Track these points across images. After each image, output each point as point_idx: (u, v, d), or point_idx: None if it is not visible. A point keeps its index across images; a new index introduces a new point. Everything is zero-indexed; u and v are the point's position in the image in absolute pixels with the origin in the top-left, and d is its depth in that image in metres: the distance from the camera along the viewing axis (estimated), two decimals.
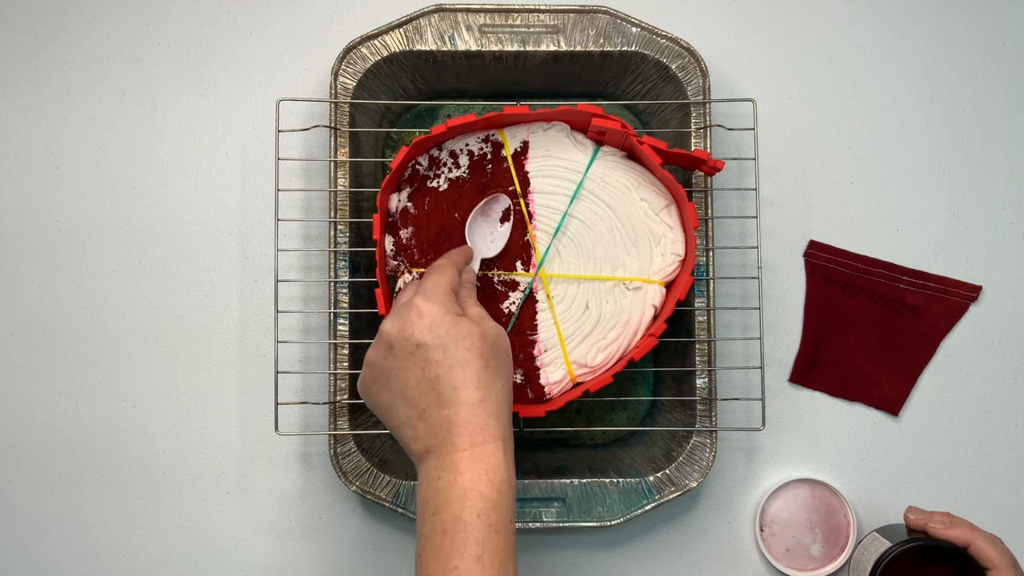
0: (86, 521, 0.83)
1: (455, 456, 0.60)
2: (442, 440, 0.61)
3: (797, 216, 0.85)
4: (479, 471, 0.60)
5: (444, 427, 0.61)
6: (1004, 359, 0.85)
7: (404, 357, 0.62)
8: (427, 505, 0.60)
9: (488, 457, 0.60)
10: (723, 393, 0.83)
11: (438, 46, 0.80)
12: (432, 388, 0.61)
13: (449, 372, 0.61)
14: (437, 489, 0.60)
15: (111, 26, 0.85)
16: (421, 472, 0.62)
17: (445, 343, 0.62)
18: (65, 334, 0.83)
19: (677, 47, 0.80)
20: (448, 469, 0.60)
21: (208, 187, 0.84)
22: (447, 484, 0.59)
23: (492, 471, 0.60)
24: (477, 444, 0.60)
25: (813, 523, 0.83)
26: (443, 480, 0.60)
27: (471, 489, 0.59)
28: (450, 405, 0.61)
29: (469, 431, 0.61)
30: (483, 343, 0.63)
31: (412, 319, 0.62)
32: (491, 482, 0.60)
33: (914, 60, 0.86)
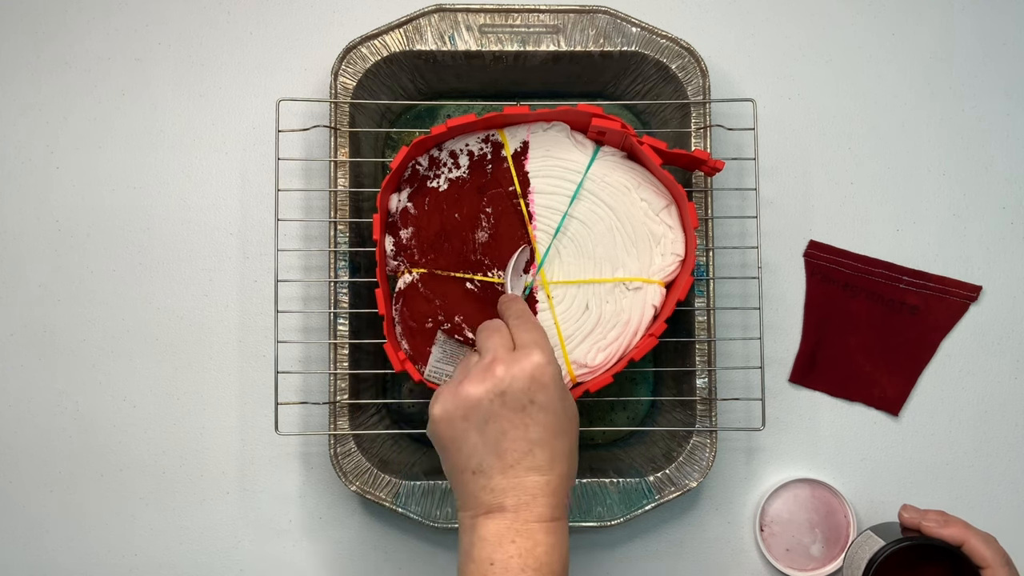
0: (86, 521, 0.83)
1: (536, 525, 0.60)
2: (524, 504, 0.60)
3: (797, 216, 0.85)
4: (553, 545, 0.60)
5: (531, 492, 0.60)
6: (1004, 359, 0.85)
7: (515, 408, 0.60)
8: (492, 567, 0.59)
9: (561, 533, 0.61)
10: (723, 393, 0.83)
11: (438, 46, 0.80)
12: (530, 449, 0.60)
13: (553, 440, 0.61)
14: (510, 554, 0.59)
15: (111, 26, 0.85)
16: (486, 528, 0.60)
17: (557, 409, 0.61)
18: (65, 334, 0.83)
19: (677, 47, 0.80)
20: (525, 536, 0.59)
21: (208, 187, 0.84)
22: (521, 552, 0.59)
23: (563, 547, 0.61)
24: (556, 519, 0.61)
25: (813, 523, 0.83)
26: (517, 546, 0.59)
27: (545, 563, 0.59)
28: (542, 472, 0.60)
29: (553, 503, 0.60)
30: (576, 419, 0.63)
31: (532, 372, 0.61)
32: (561, 558, 0.60)
33: (914, 60, 0.86)
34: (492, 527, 0.60)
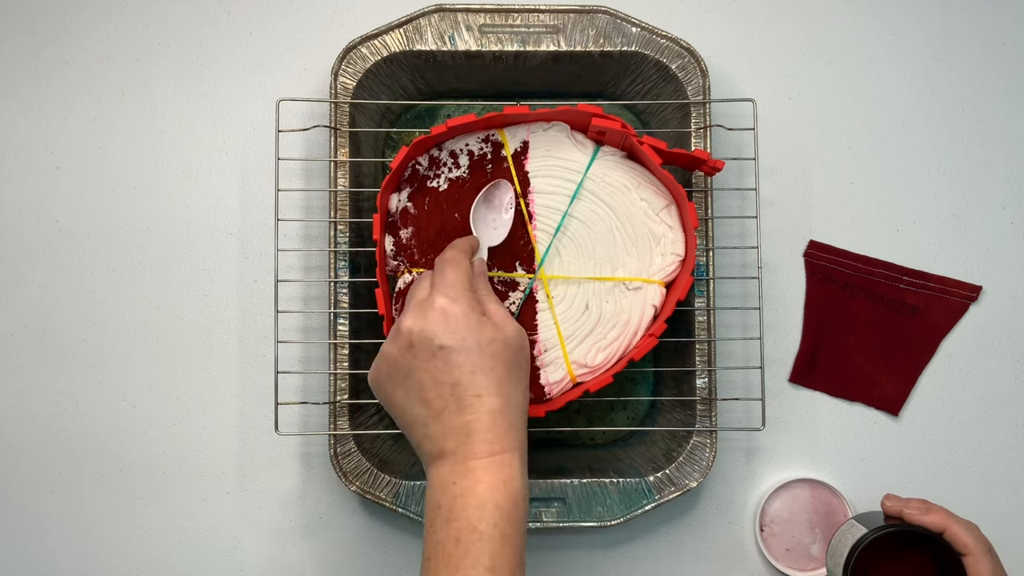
0: (86, 521, 0.83)
1: (473, 463, 0.60)
2: (459, 445, 0.60)
3: (797, 216, 0.85)
4: (497, 481, 0.59)
5: (463, 433, 0.60)
6: (1004, 359, 0.85)
7: (425, 357, 0.61)
8: (439, 510, 0.59)
9: (505, 467, 0.60)
10: (723, 393, 0.83)
11: (438, 46, 0.80)
12: (452, 392, 0.60)
13: (472, 377, 0.60)
14: (452, 495, 0.59)
15: (111, 26, 0.85)
16: (432, 475, 0.61)
17: (469, 347, 0.61)
18: (65, 334, 0.83)
19: (677, 47, 0.80)
20: (465, 476, 0.59)
21: (208, 187, 0.84)
22: (463, 491, 0.59)
23: (509, 481, 0.60)
24: (496, 453, 0.60)
25: (813, 523, 0.83)
26: (459, 487, 0.59)
27: (488, 500, 0.59)
28: (471, 411, 0.60)
29: (489, 439, 0.60)
30: (507, 350, 0.62)
31: (435, 319, 0.61)
32: (508, 493, 0.59)
33: (914, 60, 0.86)
34: (436, 473, 0.60)
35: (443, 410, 0.61)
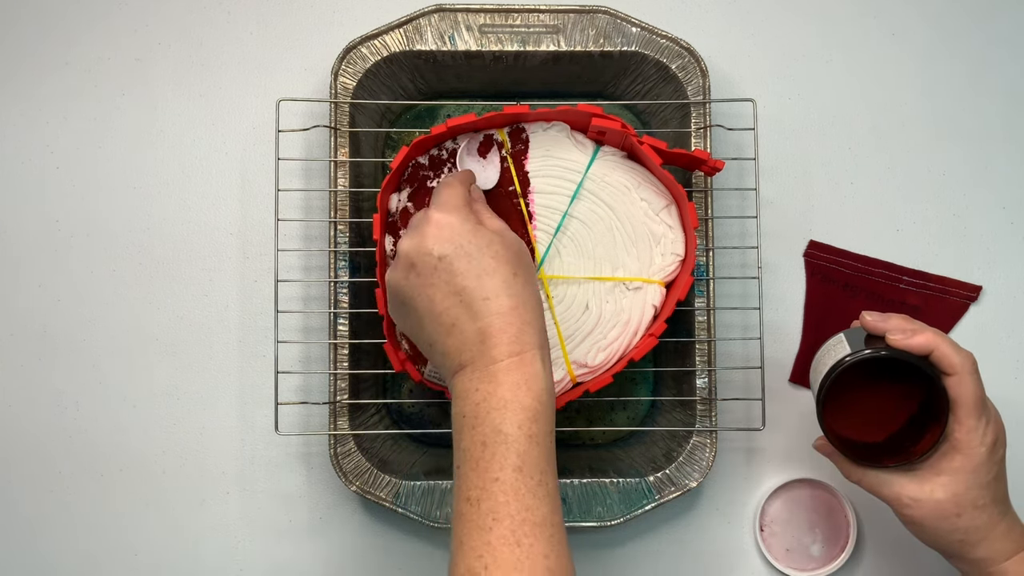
0: (86, 521, 0.83)
1: (493, 368, 0.59)
2: (478, 353, 0.59)
3: (797, 216, 0.85)
4: (518, 381, 0.58)
5: (478, 339, 0.59)
6: (1004, 359, 0.85)
7: (427, 273, 0.60)
8: (464, 419, 0.59)
9: (526, 366, 0.59)
10: (723, 393, 0.83)
11: (438, 46, 0.80)
12: (460, 300, 0.60)
13: (478, 281, 0.60)
14: (476, 402, 0.58)
15: (111, 26, 0.85)
16: (456, 388, 0.60)
17: (469, 252, 0.60)
18: (65, 334, 0.83)
19: (677, 47, 0.80)
20: (486, 381, 0.58)
21: (208, 187, 0.84)
22: (485, 396, 0.58)
23: (532, 380, 0.59)
24: (514, 353, 0.59)
25: (813, 523, 0.83)
26: (481, 392, 0.58)
27: (511, 400, 0.58)
28: (482, 316, 0.59)
29: (506, 340, 0.59)
30: (508, 250, 0.61)
31: (431, 232, 0.60)
32: (531, 391, 0.58)
33: (914, 60, 0.86)
34: (459, 384, 0.60)
35: (455, 321, 0.60)
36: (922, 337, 0.66)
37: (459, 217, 0.61)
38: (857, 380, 0.70)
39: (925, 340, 0.66)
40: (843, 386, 0.69)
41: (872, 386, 0.71)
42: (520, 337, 0.60)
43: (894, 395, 0.71)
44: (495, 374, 0.59)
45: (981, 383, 0.66)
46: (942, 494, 0.66)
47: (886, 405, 0.72)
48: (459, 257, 0.60)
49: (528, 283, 0.62)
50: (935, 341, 0.66)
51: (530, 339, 0.60)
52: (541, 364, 0.60)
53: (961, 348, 0.66)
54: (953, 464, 0.66)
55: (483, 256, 0.60)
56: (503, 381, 0.58)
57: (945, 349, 0.66)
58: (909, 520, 0.67)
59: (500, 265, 0.60)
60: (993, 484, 0.66)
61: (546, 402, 0.59)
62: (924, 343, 0.66)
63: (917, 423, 0.70)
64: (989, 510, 0.66)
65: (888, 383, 0.71)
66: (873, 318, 0.69)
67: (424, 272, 0.60)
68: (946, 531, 0.66)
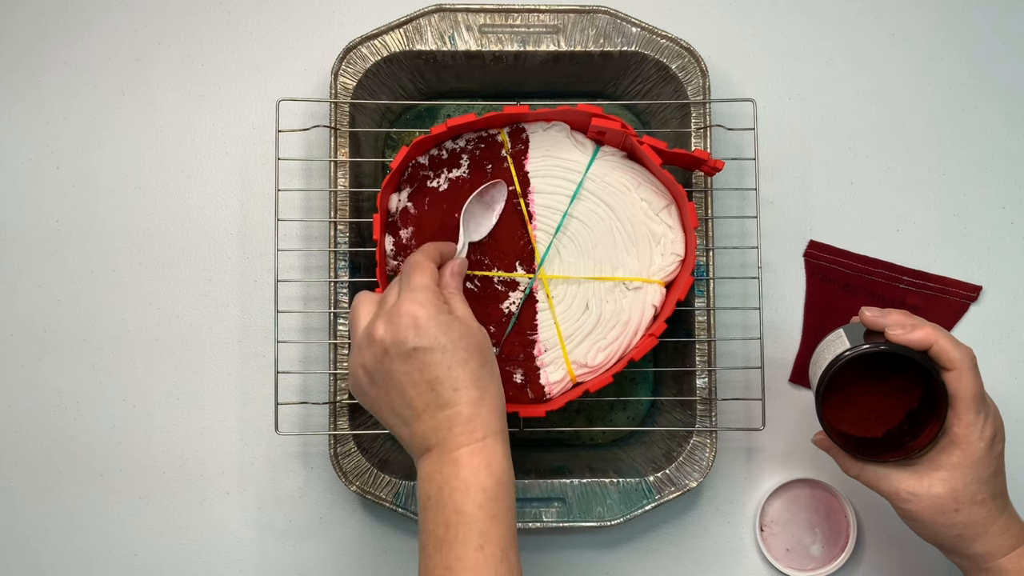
0: (86, 521, 0.83)
1: (456, 453, 0.61)
2: (443, 438, 0.62)
3: (797, 216, 0.85)
4: (479, 464, 0.61)
5: (445, 426, 0.62)
6: (1004, 359, 0.85)
7: (401, 360, 0.62)
8: (429, 501, 0.62)
9: (487, 451, 0.62)
10: (723, 393, 0.82)
11: (438, 46, 0.80)
12: (431, 389, 0.62)
13: (448, 372, 0.62)
14: (439, 485, 0.61)
15: (111, 26, 0.85)
16: (421, 470, 0.63)
17: (444, 345, 0.62)
18: (65, 334, 0.83)
19: (677, 47, 0.80)
20: (449, 464, 0.61)
21: (208, 187, 0.84)
22: (448, 478, 0.61)
23: (492, 463, 0.61)
24: (476, 440, 0.62)
25: (813, 523, 0.83)
26: (443, 475, 0.61)
27: (472, 483, 0.60)
28: (450, 405, 0.62)
29: (469, 428, 0.62)
30: (474, 341, 0.63)
31: (406, 324, 0.62)
32: (491, 474, 0.61)
33: (914, 60, 0.86)
34: (424, 467, 0.63)
35: (425, 408, 0.62)
36: (921, 332, 0.66)
37: (432, 309, 0.63)
38: (856, 375, 0.70)
39: (924, 335, 0.66)
40: (842, 381, 0.70)
41: (871, 381, 0.71)
42: (484, 425, 0.62)
43: (893, 390, 0.71)
44: (458, 459, 0.61)
45: (980, 378, 0.66)
46: (941, 489, 0.66)
47: (885, 400, 0.72)
48: (433, 350, 0.62)
49: (492, 373, 0.64)
50: (934, 336, 0.66)
51: (493, 426, 0.63)
52: (502, 448, 0.63)
53: (960, 343, 0.67)
54: (952, 459, 0.66)
55: (456, 348, 0.62)
56: (465, 464, 0.61)
57: (944, 344, 0.66)
58: (907, 515, 0.68)
59: (470, 358, 0.63)
60: (991, 479, 0.66)
61: (506, 483, 0.62)
62: (923, 338, 0.66)
63: (916, 418, 0.70)
64: (987, 505, 0.66)
65: (887, 378, 0.71)
66: (872, 313, 0.69)
67: (398, 359, 0.62)
68: (944, 526, 0.66)
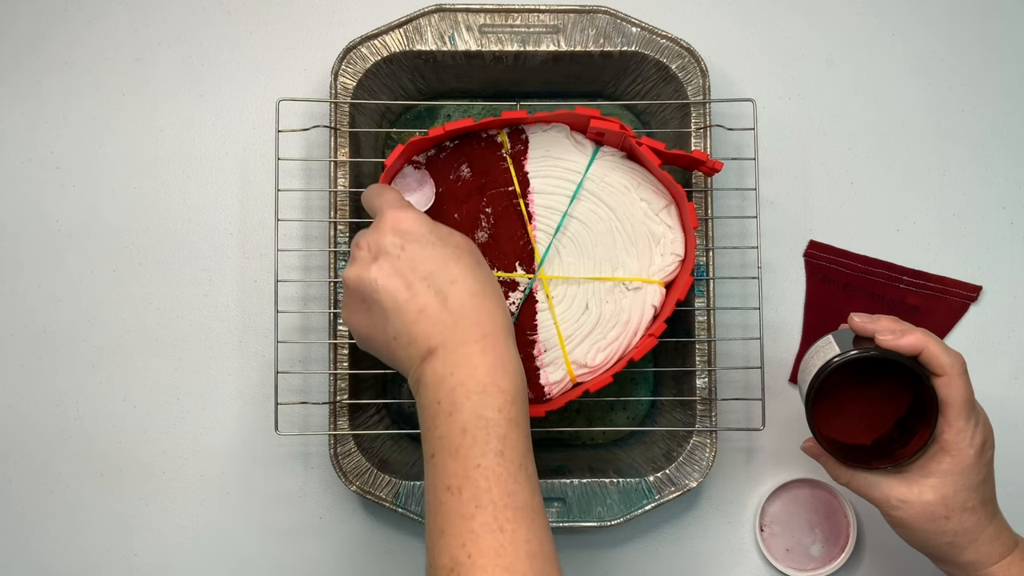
0: (86, 521, 0.83)
1: (466, 349, 0.58)
2: (448, 335, 0.58)
3: (797, 216, 0.85)
4: (494, 363, 0.57)
5: (449, 322, 0.58)
6: (1004, 359, 0.85)
7: (391, 263, 0.59)
8: (440, 406, 0.57)
9: (500, 348, 0.58)
10: (723, 393, 0.83)
11: (438, 46, 0.80)
12: (428, 284, 0.59)
13: (444, 265, 0.59)
14: (451, 387, 0.57)
15: (111, 26, 0.85)
16: (426, 376, 0.58)
17: (432, 240, 0.60)
18: (65, 334, 0.83)
19: (677, 47, 0.80)
20: (461, 364, 0.57)
21: (208, 187, 0.84)
22: (462, 380, 0.57)
23: (507, 363, 0.58)
24: (487, 335, 0.58)
25: (813, 523, 0.83)
26: (456, 376, 0.57)
27: (490, 384, 0.57)
28: (451, 298, 0.59)
29: (476, 321, 0.58)
30: (466, 242, 0.62)
31: (389, 223, 0.60)
32: (507, 373, 0.58)
33: (914, 60, 0.86)
34: (429, 370, 0.58)
35: (422, 308, 0.59)
36: (911, 337, 0.65)
37: (414, 212, 0.62)
38: (846, 381, 0.70)
39: (914, 340, 0.65)
40: (832, 387, 0.69)
41: (861, 387, 0.71)
42: (490, 320, 0.59)
43: (882, 396, 0.71)
44: (470, 356, 0.57)
45: (970, 384, 0.65)
46: (931, 496, 0.65)
47: (875, 407, 0.71)
48: (423, 244, 0.60)
49: (488, 273, 0.62)
50: (924, 341, 0.65)
51: (500, 321, 0.59)
52: (513, 347, 0.59)
53: (950, 349, 0.66)
54: (942, 466, 0.65)
55: (445, 244, 0.60)
56: (479, 364, 0.57)
57: (934, 349, 0.65)
58: (897, 522, 0.67)
59: (462, 254, 0.60)
60: (982, 486, 0.66)
61: (520, 384, 0.58)
62: (913, 343, 0.65)
63: (905, 425, 0.69)
64: (978, 512, 0.65)
65: (876, 384, 0.71)
66: (861, 319, 0.68)
67: (389, 261, 0.60)
68: (935, 533, 0.66)
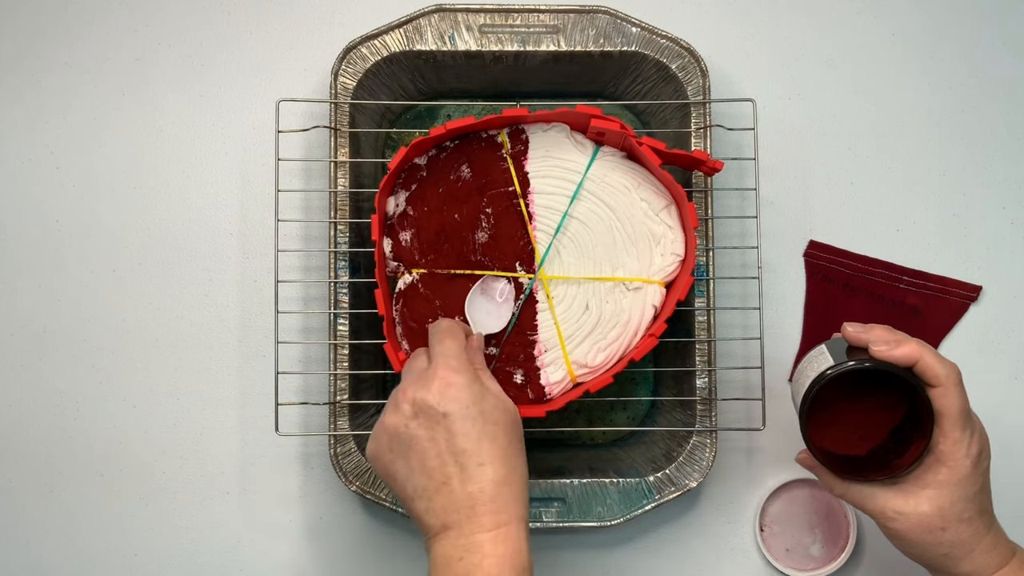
0: (86, 521, 0.83)
1: (479, 537, 0.59)
2: (464, 518, 0.59)
3: (797, 216, 0.85)
4: (504, 555, 0.58)
5: (467, 504, 0.59)
6: (1004, 359, 0.85)
7: (429, 426, 0.60)
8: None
9: (512, 539, 0.59)
10: (723, 393, 0.83)
11: (438, 46, 0.80)
12: (456, 461, 0.60)
13: (477, 445, 0.60)
14: (458, 573, 0.58)
15: (111, 26, 0.85)
16: (435, 550, 0.60)
17: (474, 415, 0.60)
18: (65, 334, 0.83)
19: (677, 47, 0.80)
20: (471, 551, 0.58)
21: (208, 187, 0.84)
22: (469, 568, 0.58)
23: (515, 555, 0.59)
24: (502, 524, 0.59)
25: (813, 523, 0.83)
26: (466, 562, 0.58)
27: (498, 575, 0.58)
28: (475, 481, 0.59)
29: (494, 510, 0.59)
30: (507, 417, 0.62)
31: (438, 388, 0.61)
32: (514, 568, 0.58)
33: (914, 60, 0.86)
34: (439, 549, 0.59)
35: (446, 480, 0.60)
36: (906, 348, 0.64)
37: (466, 378, 0.62)
38: (839, 393, 0.69)
39: (909, 351, 0.64)
40: (826, 399, 0.68)
41: (854, 398, 0.70)
42: (508, 508, 0.60)
43: (877, 407, 0.70)
44: (481, 545, 0.58)
45: (966, 395, 0.65)
46: (927, 507, 0.65)
47: (869, 418, 0.70)
48: (464, 418, 0.60)
49: (520, 453, 0.62)
50: (919, 352, 0.64)
51: (516, 511, 0.60)
52: (525, 536, 0.60)
53: (945, 359, 0.65)
54: (938, 477, 0.64)
55: (486, 421, 0.61)
56: (489, 553, 0.58)
57: (929, 360, 0.64)
58: (894, 534, 0.66)
59: (500, 432, 0.61)
60: (978, 497, 0.65)
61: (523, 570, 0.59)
62: (908, 354, 0.64)
63: (900, 436, 0.69)
64: (975, 523, 0.65)
65: (871, 395, 0.70)
66: (855, 329, 0.67)
67: (426, 424, 0.60)
68: (932, 545, 0.65)
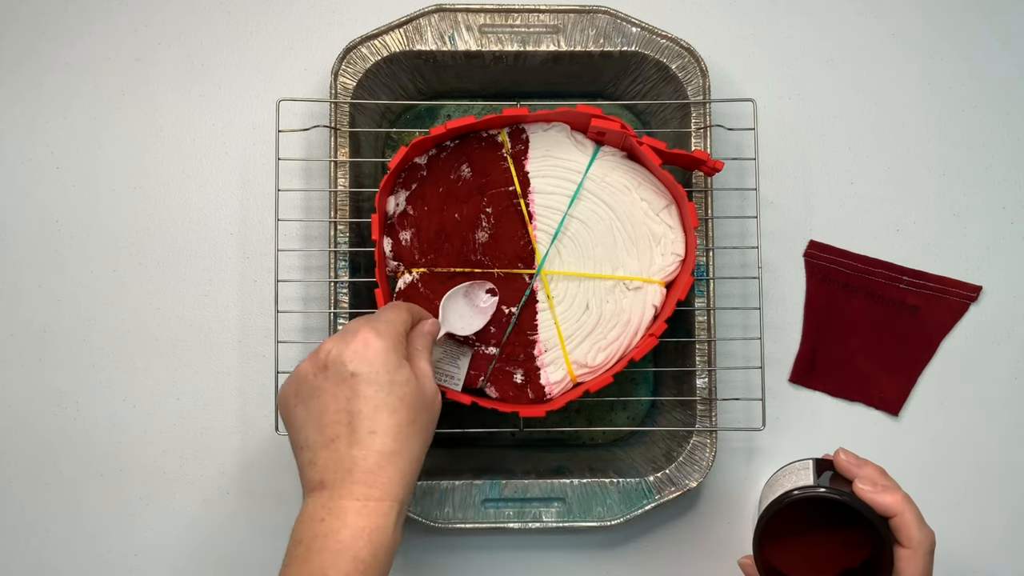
0: (86, 521, 0.83)
1: (346, 503, 0.57)
2: (338, 480, 0.58)
3: (797, 216, 0.85)
4: (364, 529, 0.57)
5: (347, 467, 0.58)
6: (1004, 359, 0.85)
7: (335, 381, 0.59)
8: (298, 546, 0.58)
9: (378, 516, 0.57)
10: (723, 393, 0.83)
11: (438, 46, 0.80)
12: (349, 422, 0.58)
13: (374, 412, 0.58)
14: (315, 533, 0.57)
15: (111, 26, 0.85)
16: (305, 504, 0.59)
17: (381, 382, 0.59)
18: (65, 334, 0.83)
19: (677, 47, 0.80)
20: (333, 514, 0.57)
21: (208, 187, 0.84)
22: (326, 532, 0.57)
23: (376, 532, 0.57)
24: (372, 498, 0.57)
25: None
26: (324, 525, 0.57)
27: (348, 548, 0.56)
28: (360, 446, 0.58)
29: (369, 481, 0.58)
30: (418, 398, 0.60)
31: (356, 346, 0.59)
32: (370, 544, 0.57)
33: (914, 60, 0.86)
34: (310, 504, 0.58)
35: (335, 438, 0.59)
36: (890, 497, 0.63)
37: (386, 344, 0.60)
38: (807, 514, 0.68)
39: (893, 501, 0.63)
40: (791, 515, 0.67)
41: (819, 526, 0.69)
42: (386, 484, 0.58)
43: (837, 543, 0.68)
44: (345, 512, 0.57)
45: (932, 566, 0.62)
46: None
47: (827, 550, 0.69)
48: (370, 383, 0.59)
49: (419, 436, 0.60)
50: (902, 506, 0.62)
51: (394, 491, 0.58)
52: (395, 519, 0.58)
53: (925, 524, 0.63)
54: None
55: (391, 393, 0.59)
56: (350, 524, 0.57)
57: (909, 519, 0.62)
58: None
59: (402, 408, 0.59)
60: None
61: (383, 559, 0.57)
62: (891, 504, 0.63)
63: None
64: None
65: (835, 528, 0.68)
66: (847, 458, 0.66)
67: (332, 379, 0.59)
68: None
